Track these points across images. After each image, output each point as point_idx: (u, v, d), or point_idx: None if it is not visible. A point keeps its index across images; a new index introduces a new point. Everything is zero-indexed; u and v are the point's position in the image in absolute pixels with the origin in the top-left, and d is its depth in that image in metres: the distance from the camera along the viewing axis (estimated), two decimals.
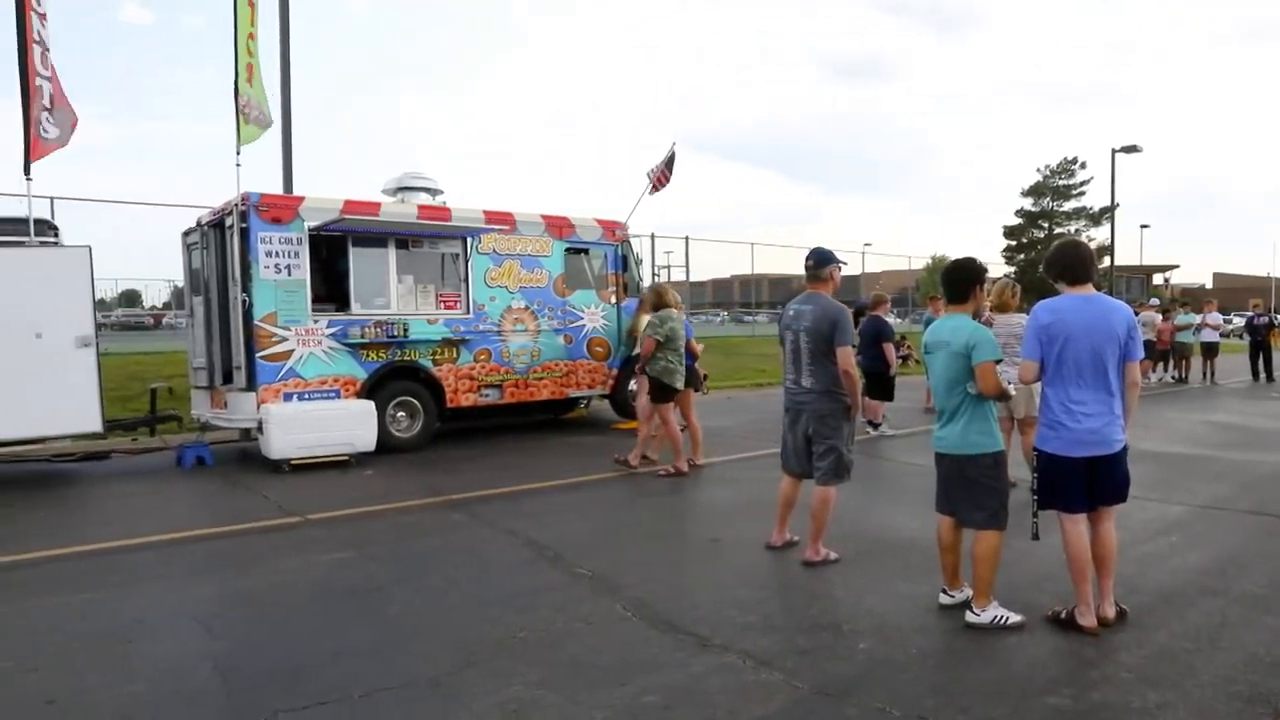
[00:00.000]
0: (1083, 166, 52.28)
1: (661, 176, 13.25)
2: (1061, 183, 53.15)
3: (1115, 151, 30.63)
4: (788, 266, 28.85)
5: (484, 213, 10.72)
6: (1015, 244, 54.03)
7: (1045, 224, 53.24)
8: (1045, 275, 4.26)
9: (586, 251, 11.73)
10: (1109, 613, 4.12)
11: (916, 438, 10.24)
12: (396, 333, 9.80)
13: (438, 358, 10.22)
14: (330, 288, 9.91)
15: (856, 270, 31.01)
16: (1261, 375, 18.70)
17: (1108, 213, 39.52)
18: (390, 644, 4.08)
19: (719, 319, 52.71)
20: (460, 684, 3.61)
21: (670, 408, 8.33)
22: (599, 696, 3.47)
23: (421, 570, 5.31)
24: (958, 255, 4.64)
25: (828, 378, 5.20)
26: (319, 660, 3.89)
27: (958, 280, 4.39)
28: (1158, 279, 57.43)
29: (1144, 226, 58.52)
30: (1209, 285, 73.09)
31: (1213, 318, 19.09)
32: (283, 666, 3.83)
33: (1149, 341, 17.04)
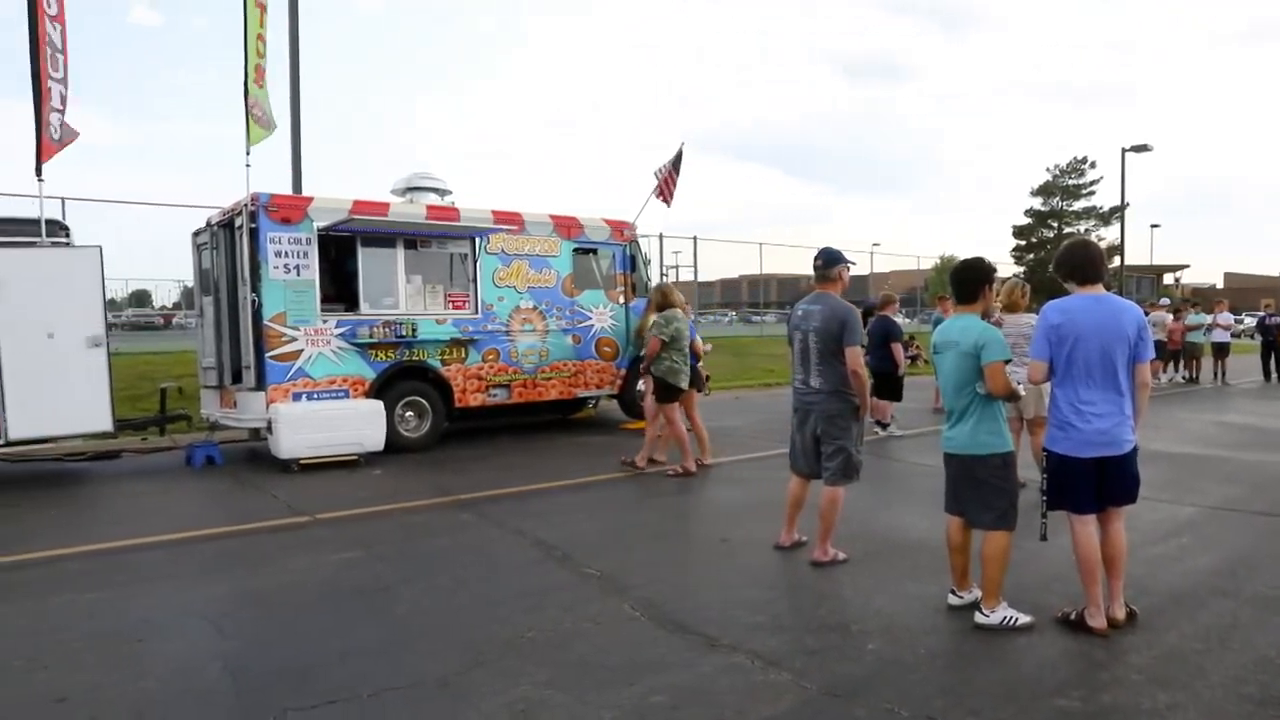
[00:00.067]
0: (1092, 166, 52.03)
1: (669, 179, 13.22)
2: (1071, 182, 52.87)
3: (1125, 151, 30.54)
4: (796, 266, 28.84)
5: (492, 213, 10.73)
6: (1024, 243, 53.78)
7: (1055, 223, 52.97)
8: (1055, 275, 4.25)
9: (595, 251, 11.74)
10: (1119, 614, 4.10)
11: (925, 438, 10.21)
12: (405, 333, 9.82)
13: (446, 358, 10.24)
14: (339, 288, 9.94)
15: (865, 270, 30.89)
16: (1273, 375, 18.58)
17: (1118, 212, 39.44)
18: (398, 644, 4.09)
19: (727, 319, 52.70)
20: (468, 684, 3.62)
21: (675, 408, 8.32)
22: (607, 696, 3.47)
23: (430, 570, 5.32)
24: (966, 255, 4.63)
25: (836, 378, 5.19)
26: (327, 659, 3.90)
27: (966, 280, 4.38)
28: (1168, 279, 57.16)
29: (1154, 226, 58.64)
30: (1220, 285, 72.74)
31: (1224, 318, 19.00)
32: (291, 665, 3.85)
33: (1159, 342, 16.97)
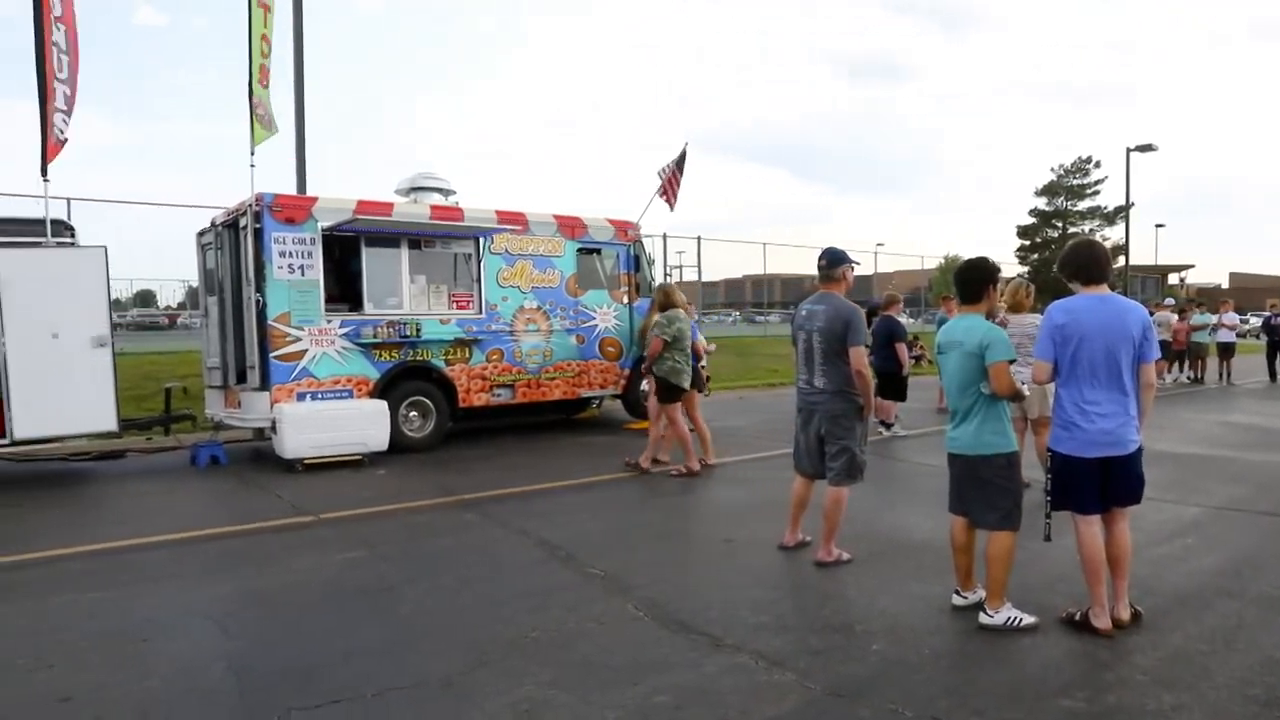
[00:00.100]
0: (1097, 165, 51.99)
1: (673, 179, 13.22)
2: (1075, 182, 52.81)
3: (1130, 150, 30.46)
4: (800, 266, 28.80)
5: (496, 213, 10.73)
6: (1029, 243, 53.73)
7: (1059, 223, 52.92)
8: (1059, 275, 4.23)
9: (599, 251, 11.74)
10: (1123, 615, 4.09)
11: (929, 438, 10.20)
12: (409, 333, 9.83)
13: (450, 358, 10.25)
14: (343, 288, 9.95)
15: (869, 270, 30.89)
16: (1279, 375, 18.54)
17: (1122, 212, 39.28)
18: (402, 643, 4.09)
19: (731, 319, 52.68)
20: (472, 684, 3.62)
21: (677, 408, 8.33)
22: (611, 696, 3.47)
23: (434, 570, 5.32)
24: (971, 255, 4.62)
25: (840, 378, 5.18)
26: (331, 659, 3.90)
27: (971, 280, 4.37)
28: (1173, 279, 57.03)
29: (1159, 226, 58.26)
30: (1225, 285, 72.48)
31: (1229, 318, 18.96)
32: (296, 665, 3.85)
33: (1164, 342, 16.93)
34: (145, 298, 36.43)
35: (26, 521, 6.87)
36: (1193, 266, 62.76)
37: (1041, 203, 53.78)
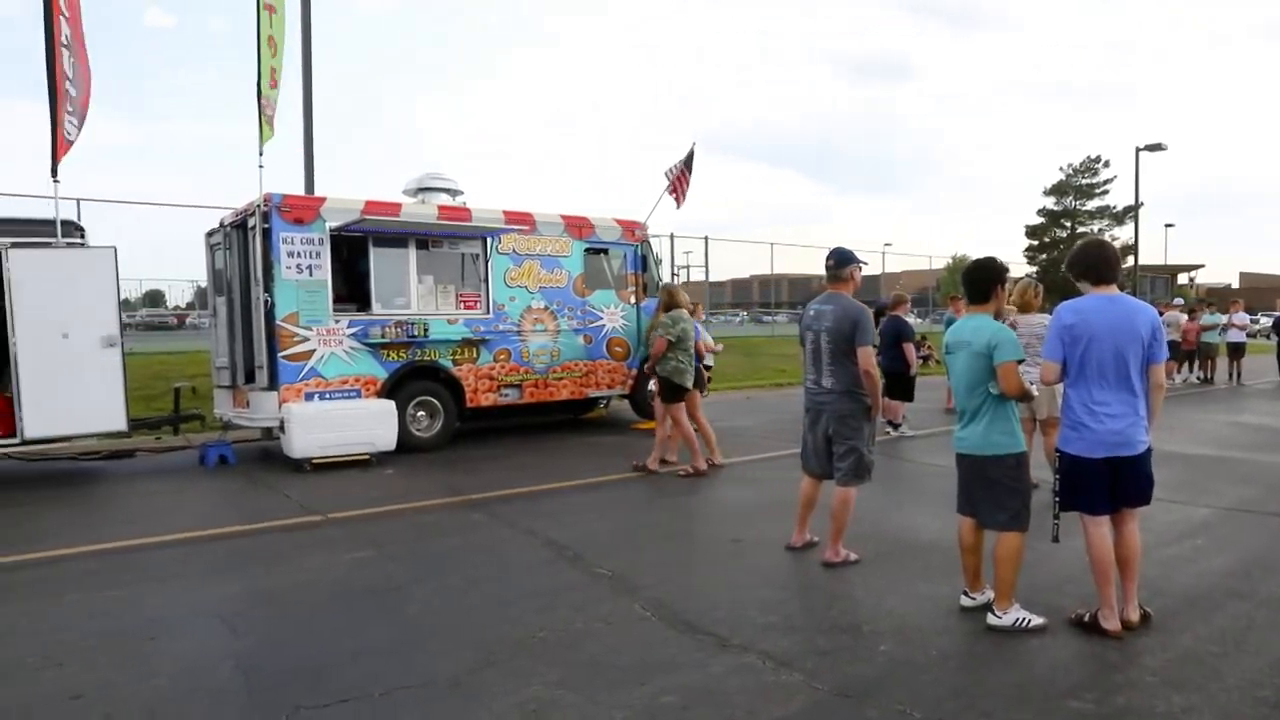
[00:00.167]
0: (1106, 165, 51.75)
1: (681, 178, 13.23)
2: (1084, 181, 52.57)
3: (1139, 150, 30.34)
4: (807, 266, 28.81)
5: (504, 213, 10.75)
6: (1037, 243, 53.53)
7: (1068, 223, 52.69)
8: (1068, 274, 4.21)
9: (606, 251, 11.74)
10: (1133, 616, 4.08)
11: (937, 438, 10.17)
12: (417, 333, 9.85)
13: (458, 357, 10.26)
14: (351, 288, 9.97)
15: (877, 270, 30.86)
16: None
17: (1131, 212, 39.17)
18: (410, 643, 4.10)
19: (738, 319, 52.63)
20: (480, 683, 3.62)
21: (681, 408, 8.34)
22: (618, 696, 3.47)
23: (441, 570, 5.33)
24: (978, 255, 4.61)
25: (848, 378, 5.18)
26: (339, 658, 3.91)
27: (979, 280, 4.36)
28: (1183, 279, 56.74)
29: (1168, 225, 58.03)
30: (1235, 285, 72.11)
31: (1239, 318, 18.86)
32: (304, 664, 3.86)
33: (1174, 342, 16.86)
34: (154, 298, 36.60)
35: (37, 520, 6.90)
36: (1202, 266, 62.33)
37: (1050, 202, 53.57)
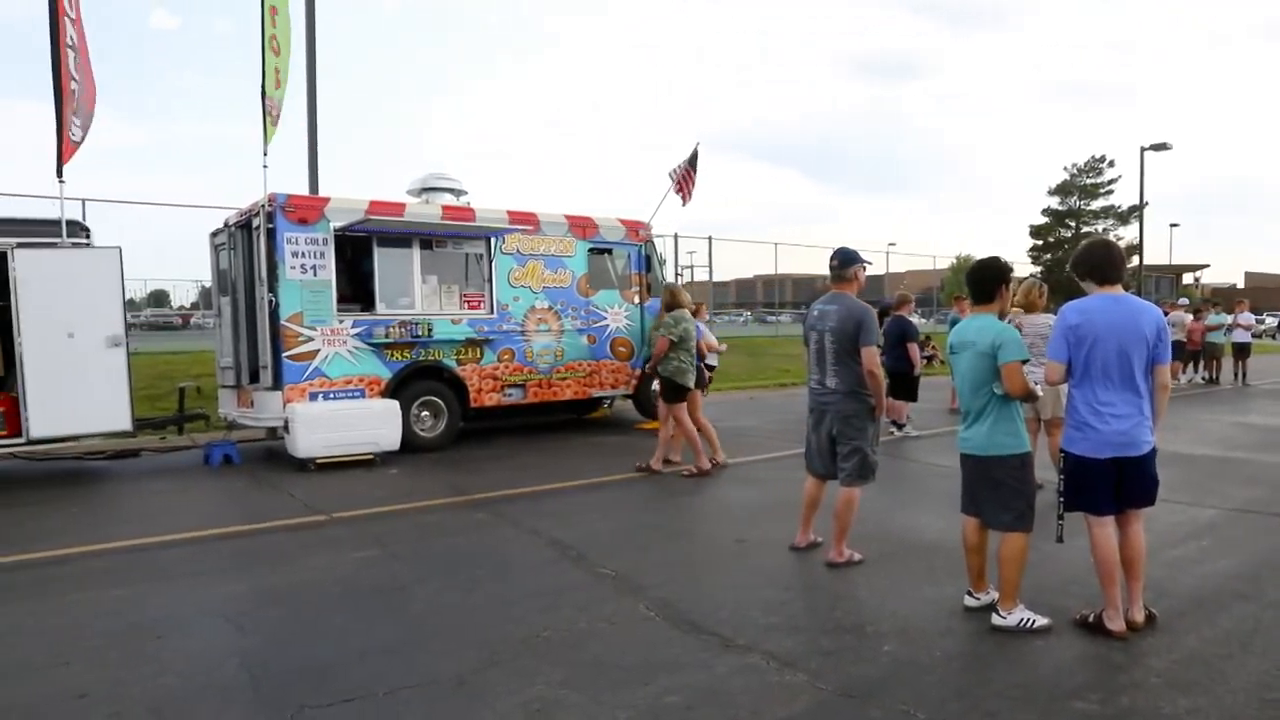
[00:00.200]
0: (1110, 165, 51.62)
1: (686, 176, 13.23)
2: (1089, 181, 52.45)
3: (1144, 150, 30.25)
4: (811, 266, 28.76)
5: (508, 213, 10.76)
6: (1042, 243, 53.42)
7: (1072, 223, 52.57)
8: (1072, 274, 4.21)
9: (610, 251, 11.75)
10: (1138, 617, 4.07)
11: (941, 438, 10.16)
12: (421, 333, 9.86)
13: (461, 357, 10.27)
14: (355, 288, 9.99)
15: (881, 270, 30.78)
16: None
17: (1136, 211, 39.07)
18: (414, 643, 4.10)
19: (742, 319, 52.63)
20: (484, 683, 3.63)
21: (683, 408, 8.34)
22: (622, 696, 3.47)
23: (445, 569, 5.34)
24: (983, 255, 4.60)
25: (852, 378, 5.17)
26: (345, 657, 3.92)
27: (983, 280, 4.36)
28: (1188, 278, 56.67)
29: (1174, 225, 57.86)
30: (1240, 285, 71.98)
31: (1244, 318, 18.81)
32: (309, 663, 3.87)
33: (1179, 342, 16.80)
34: (159, 298, 36.68)
35: (42, 520, 6.93)
36: (1208, 266, 62.43)
37: (1054, 202, 53.45)
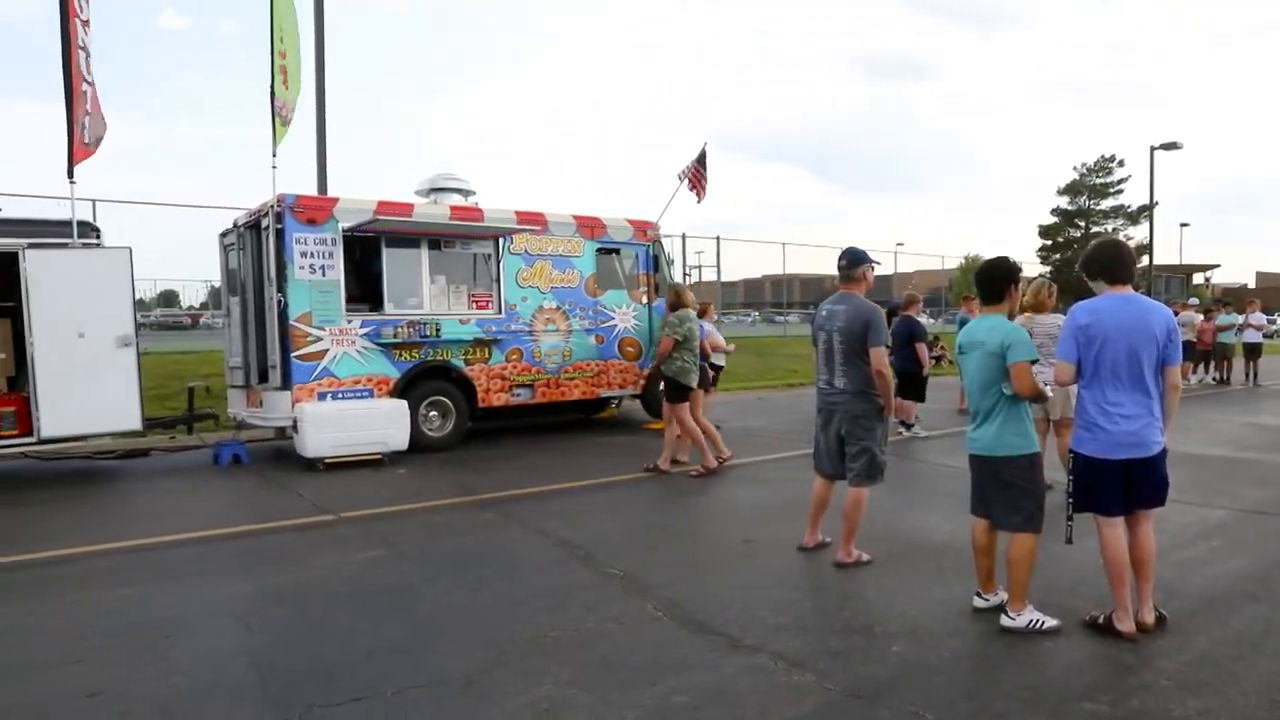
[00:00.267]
0: (1120, 164, 51.41)
1: (697, 174, 13.23)
2: (1099, 181, 52.26)
3: (1154, 149, 30.10)
4: (819, 266, 28.73)
5: (516, 213, 10.77)
6: (1051, 243, 53.23)
7: (1082, 223, 52.39)
8: (1082, 274, 4.19)
9: (618, 252, 11.75)
10: (1148, 618, 4.05)
11: (950, 439, 10.13)
12: (429, 333, 9.88)
13: (470, 357, 10.29)
14: (364, 288, 10.01)
15: (889, 270, 30.79)
16: None
17: (1146, 211, 38.90)
18: (422, 642, 4.11)
19: (750, 319, 52.60)
20: (492, 683, 3.63)
21: (686, 408, 8.34)
22: (630, 696, 3.47)
23: (453, 569, 5.34)
24: (991, 255, 4.59)
25: (861, 378, 5.16)
26: (352, 657, 3.93)
27: (992, 280, 4.34)
28: (1198, 278, 56.41)
29: (1184, 225, 57.77)
30: (1251, 285, 71.59)
31: (1256, 318, 18.70)
32: (317, 663, 3.88)
33: (1189, 342, 16.72)
34: (169, 298, 36.89)
35: (52, 519, 6.96)
36: (1218, 266, 62.10)
37: (1064, 201, 53.26)
